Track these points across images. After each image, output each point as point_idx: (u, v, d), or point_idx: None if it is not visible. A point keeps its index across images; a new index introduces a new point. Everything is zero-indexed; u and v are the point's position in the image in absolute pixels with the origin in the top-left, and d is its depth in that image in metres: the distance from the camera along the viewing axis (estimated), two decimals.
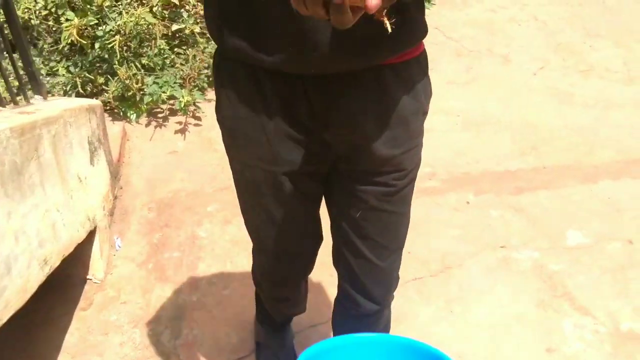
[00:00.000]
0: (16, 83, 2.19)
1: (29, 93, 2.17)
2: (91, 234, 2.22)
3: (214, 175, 2.77)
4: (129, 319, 2.13)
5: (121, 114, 3.08)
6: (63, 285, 2.22)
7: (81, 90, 3.06)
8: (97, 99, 3.00)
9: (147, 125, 3.09)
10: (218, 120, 1.19)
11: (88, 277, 2.26)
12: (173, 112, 3.16)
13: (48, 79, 3.20)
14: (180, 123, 3.10)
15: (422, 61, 1.09)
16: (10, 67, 2.28)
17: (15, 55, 2.21)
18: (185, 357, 1.99)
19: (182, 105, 3.03)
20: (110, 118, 3.05)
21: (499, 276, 2.33)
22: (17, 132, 1.59)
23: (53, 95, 3.03)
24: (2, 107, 1.86)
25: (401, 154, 1.12)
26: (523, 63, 3.79)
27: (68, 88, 3.07)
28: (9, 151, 1.53)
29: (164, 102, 3.12)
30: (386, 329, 1.53)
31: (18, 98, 2.14)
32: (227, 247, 2.42)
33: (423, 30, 1.05)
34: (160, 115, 3.15)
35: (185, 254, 2.40)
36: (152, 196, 2.68)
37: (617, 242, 2.46)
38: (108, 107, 3.08)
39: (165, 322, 2.11)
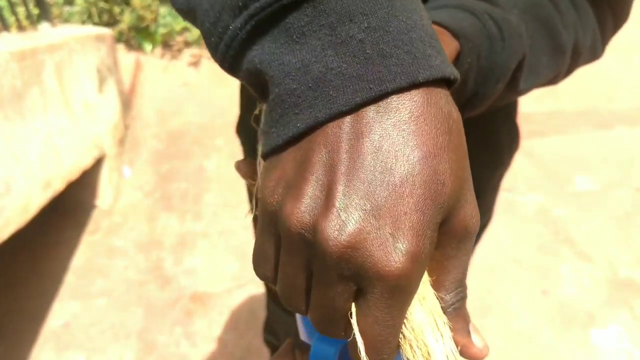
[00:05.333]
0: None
1: (37, 19, 2.18)
2: (100, 162, 2.27)
3: (224, 109, 2.78)
4: (134, 244, 2.20)
5: (137, 44, 3.09)
6: (73, 210, 2.30)
7: (97, 20, 3.07)
8: (112, 29, 3.01)
9: (162, 57, 3.09)
10: None
11: (96, 203, 2.33)
12: (187, 45, 3.15)
13: (66, 8, 3.22)
14: (194, 56, 3.10)
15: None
16: None
17: None
18: (186, 282, 2.06)
19: (197, 38, 3.03)
20: (126, 49, 3.06)
21: (501, 219, 2.33)
22: (18, 57, 1.62)
23: (70, 23, 3.05)
24: (6, 32, 1.89)
25: None
26: None
27: (85, 17, 3.09)
28: (9, 75, 1.57)
29: (178, 34, 3.11)
30: None
31: (26, 24, 2.16)
32: (233, 179, 2.46)
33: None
34: (174, 47, 3.15)
35: (192, 184, 2.45)
36: (163, 127, 2.72)
37: (625, 189, 2.42)
38: (124, 38, 3.09)
39: (168, 249, 2.18)
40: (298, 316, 0.41)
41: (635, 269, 2.12)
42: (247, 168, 0.41)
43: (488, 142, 0.78)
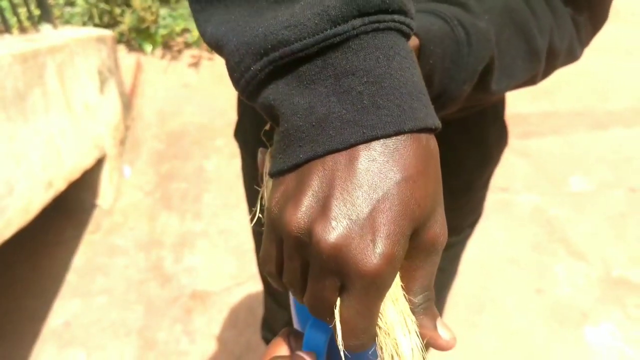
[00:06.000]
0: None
1: (39, 21, 2.21)
2: (101, 162, 2.30)
3: (224, 110, 2.81)
4: (134, 243, 2.23)
5: (137, 46, 3.11)
6: (74, 210, 2.33)
7: (98, 21, 3.09)
8: (113, 30, 3.04)
9: (162, 57, 3.12)
10: None
11: (97, 203, 2.35)
12: (188, 46, 3.18)
13: (67, 9, 3.24)
14: (194, 57, 3.13)
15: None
16: None
17: None
18: (186, 281, 2.09)
19: (196, 39, 3.05)
20: (126, 50, 3.09)
21: (497, 218, 2.36)
22: (20, 59, 1.64)
23: (71, 25, 3.07)
24: (8, 34, 1.91)
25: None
26: None
27: (86, 19, 3.11)
28: (11, 77, 1.59)
29: (178, 35, 3.14)
30: None
31: (28, 25, 2.19)
32: (232, 180, 2.49)
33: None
34: (175, 48, 3.18)
35: (192, 185, 2.48)
36: (163, 128, 2.74)
37: (620, 189, 2.45)
38: (124, 39, 3.11)
39: (168, 248, 2.21)
40: (292, 307, 0.46)
41: (629, 268, 2.15)
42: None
43: (478, 141, 0.81)
